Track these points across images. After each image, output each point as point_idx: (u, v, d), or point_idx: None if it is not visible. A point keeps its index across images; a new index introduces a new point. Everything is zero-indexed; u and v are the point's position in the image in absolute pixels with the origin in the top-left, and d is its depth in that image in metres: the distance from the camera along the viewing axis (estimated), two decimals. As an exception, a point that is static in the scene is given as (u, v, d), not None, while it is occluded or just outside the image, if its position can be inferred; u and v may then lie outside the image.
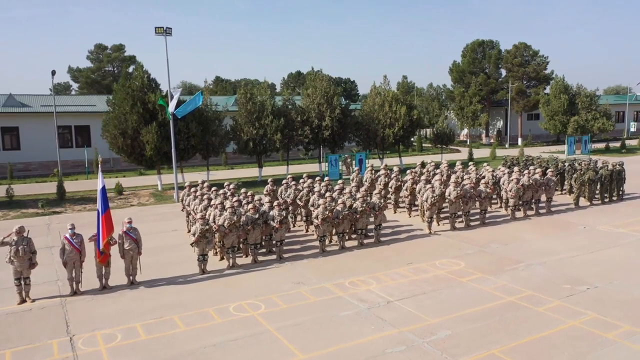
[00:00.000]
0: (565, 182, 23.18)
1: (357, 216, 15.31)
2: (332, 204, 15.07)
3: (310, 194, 17.12)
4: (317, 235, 15.10)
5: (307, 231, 17.32)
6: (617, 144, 46.81)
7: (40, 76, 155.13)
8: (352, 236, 16.02)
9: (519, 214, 19.17)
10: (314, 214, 15.12)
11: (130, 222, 12.42)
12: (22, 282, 11.32)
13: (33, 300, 11.40)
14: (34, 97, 39.56)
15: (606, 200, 21.62)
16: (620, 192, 22.18)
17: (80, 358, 8.80)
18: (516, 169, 20.88)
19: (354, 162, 27.97)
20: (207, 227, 13.04)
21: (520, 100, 52.18)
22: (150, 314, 10.59)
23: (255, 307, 10.89)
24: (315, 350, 8.90)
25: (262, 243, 14.99)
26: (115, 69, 65.08)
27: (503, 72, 55.31)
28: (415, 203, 19.61)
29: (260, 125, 28.59)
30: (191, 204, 16.47)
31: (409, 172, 20.53)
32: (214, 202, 14.73)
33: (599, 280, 12.12)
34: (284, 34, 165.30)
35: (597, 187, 21.35)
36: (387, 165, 22.91)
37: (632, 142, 51.65)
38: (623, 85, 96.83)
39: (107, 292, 11.94)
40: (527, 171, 19.59)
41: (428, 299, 11.24)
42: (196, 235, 12.85)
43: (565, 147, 38.70)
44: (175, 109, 23.22)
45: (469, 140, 55.46)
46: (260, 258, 14.38)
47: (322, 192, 16.87)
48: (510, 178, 19.14)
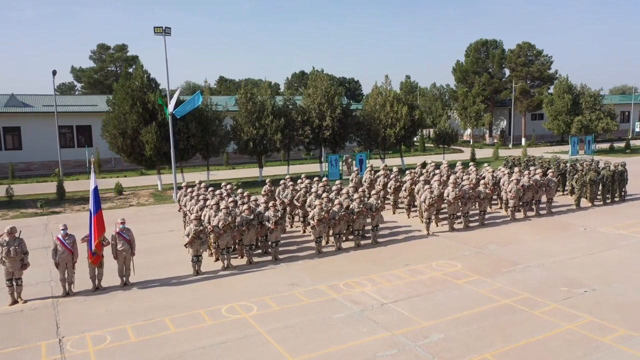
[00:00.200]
0: (566, 183, 22.94)
1: (354, 217, 15.18)
2: (329, 204, 14.95)
3: (308, 194, 17.03)
4: (314, 236, 14.99)
5: (304, 232, 17.20)
6: (622, 144, 46.38)
7: (44, 76, 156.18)
8: (349, 237, 15.89)
9: (519, 215, 18.97)
10: (309, 215, 15.01)
11: (123, 223, 12.33)
12: (13, 283, 11.27)
13: (25, 301, 11.35)
14: (36, 97, 39.60)
15: (608, 201, 21.38)
16: (623, 193, 21.94)
17: (68, 360, 8.73)
18: (517, 169, 20.65)
19: (354, 162, 27.81)
20: (201, 228, 12.94)
21: (524, 100, 51.81)
22: (142, 316, 10.51)
23: (248, 309, 10.78)
24: (305, 353, 8.79)
25: (257, 244, 14.92)
26: (118, 69, 65.16)
27: (507, 71, 55.00)
28: (414, 204, 19.45)
29: (260, 125, 28.48)
30: (187, 204, 16.40)
31: (408, 172, 20.39)
32: (209, 202, 14.64)
33: (597, 282, 11.93)
34: (288, 34, 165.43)
35: (599, 187, 21.13)
36: (387, 165, 22.74)
37: (637, 143, 51.22)
38: (629, 85, 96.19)
39: (100, 293, 11.86)
40: (527, 172, 19.40)
41: (423, 301, 11.10)
42: (190, 236, 12.77)
43: (569, 147, 38.37)
44: (174, 108, 23.18)
45: (471, 140, 55.18)
46: (256, 259, 14.27)
47: (319, 192, 16.77)
48: (510, 179, 18.94)
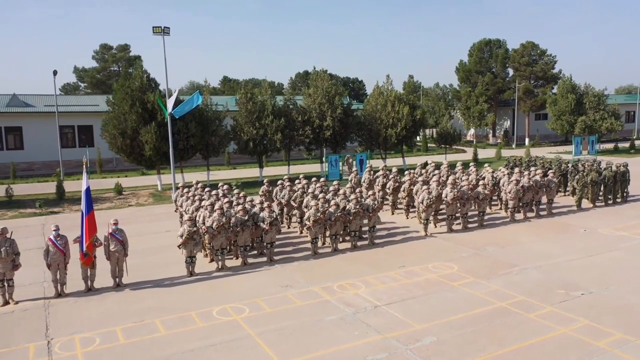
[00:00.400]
0: (568, 184, 22.71)
1: (350, 218, 15.05)
2: (325, 205, 14.82)
3: (305, 195, 16.91)
4: (310, 237, 14.87)
5: (301, 233, 17.08)
6: (627, 144, 45.98)
7: (46, 76, 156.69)
8: (345, 238, 15.76)
9: (519, 216, 18.77)
10: (305, 216, 14.89)
11: (116, 224, 12.25)
12: (5, 284, 11.21)
13: (16, 302, 11.29)
14: (38, 97, 39.67)
15: (610, 202, 21.14)
16: (625, 194, 21.68)
17: (55, 362, 8.66)
18: (517, 169, 20.45)
19: (354, 162, 27.66)
20: (194, 228, 12.84)
21: (528, 100, 51.50)
22: (132, 317, 10.42)
23: (239, 310, 10.68)
24: (294, 356, 8.66)
25: (252, 245, 14.81)
26: (120, 69, 65.21)
27: (510, 71, 54.71)
28: (413, 204, 19.28)
29: (260, 125, 28.39)
30: (183, 204, 16.32)
31: (407, 172, 20.23)
32: (204, 203, 14.54)
33: (595, 285, 11.74)
34: (293, 34, 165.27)
35: (601, 188, 20.89)
36: (386, 165, 22.58)
37: (642, 143, 50.74)
38: (635, 85, 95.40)
39: (92, 295, 11.79)
40: (527, 172, 19.20)
41: (417, 303, 10.95)
42: (183, 237, 12.68)
43: (572, 147, 38.04)
44: (173, 108, 23.10)
45: (475, 140, 54.89)
46: (251, 260, 14.16)
47: (316, 193, 16.65)
48: (510, 179, 18.75)
